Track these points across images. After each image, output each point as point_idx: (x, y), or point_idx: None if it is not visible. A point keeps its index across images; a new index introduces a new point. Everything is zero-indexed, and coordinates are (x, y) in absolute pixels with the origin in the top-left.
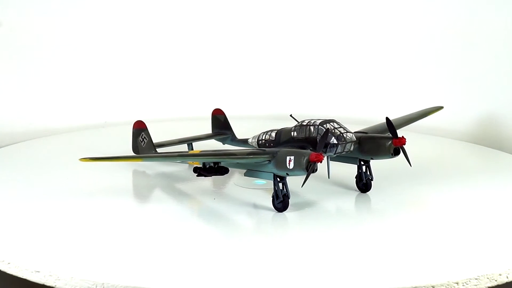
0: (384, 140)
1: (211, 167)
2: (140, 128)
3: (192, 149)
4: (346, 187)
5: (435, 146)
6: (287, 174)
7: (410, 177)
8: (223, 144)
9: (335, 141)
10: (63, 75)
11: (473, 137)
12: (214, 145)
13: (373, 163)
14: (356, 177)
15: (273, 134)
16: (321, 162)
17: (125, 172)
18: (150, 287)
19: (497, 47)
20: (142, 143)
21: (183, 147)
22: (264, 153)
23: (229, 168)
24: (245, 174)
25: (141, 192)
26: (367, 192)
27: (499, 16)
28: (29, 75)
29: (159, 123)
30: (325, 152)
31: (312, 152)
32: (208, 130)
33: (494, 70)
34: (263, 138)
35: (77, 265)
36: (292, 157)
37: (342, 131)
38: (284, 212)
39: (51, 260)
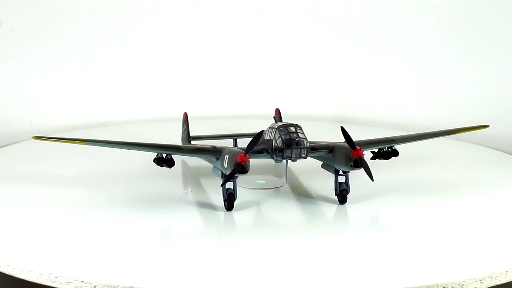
0: (343, 150)
1: (160, 158)
2: (184, 120)
3: (236, 145)
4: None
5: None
6: (225, 172)
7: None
8: None
9: (281, 145)
10: (63, 75)
11: None
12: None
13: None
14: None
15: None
16: (245, 163)
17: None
18: (149, 287)
19: None
20: (183, 134)
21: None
22: (209, 150)
23: (175, 161)
24: (212, 170)
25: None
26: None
27: None
28: (29, 75)
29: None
30: (277, 156)
31: (240, 153)
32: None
33: None
34: None
35: (75, 265)
36: (228, 156)
37: (294, 137)
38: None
39: (50, 260)
